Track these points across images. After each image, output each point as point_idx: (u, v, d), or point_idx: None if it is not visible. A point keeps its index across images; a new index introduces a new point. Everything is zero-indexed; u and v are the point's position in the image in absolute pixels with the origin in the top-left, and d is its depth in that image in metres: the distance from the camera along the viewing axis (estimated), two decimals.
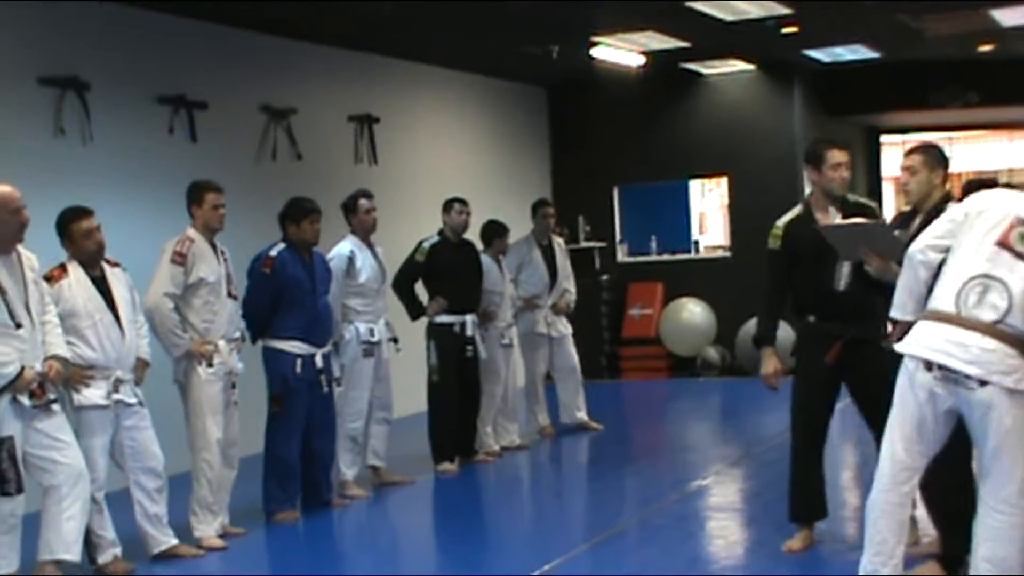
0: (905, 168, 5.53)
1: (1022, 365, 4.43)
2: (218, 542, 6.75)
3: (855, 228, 5.63)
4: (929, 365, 4.52)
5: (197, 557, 6.56)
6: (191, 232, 6.80)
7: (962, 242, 4.64)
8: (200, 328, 6.75)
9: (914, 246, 4.81)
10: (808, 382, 5.99)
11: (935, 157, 5.48)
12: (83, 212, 6.26)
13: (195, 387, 6.75)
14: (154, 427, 6.40)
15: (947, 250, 4.69)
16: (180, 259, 6.68)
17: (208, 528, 6.76)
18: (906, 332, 4.71)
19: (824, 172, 5.85)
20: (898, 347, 4.67)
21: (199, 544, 6.67)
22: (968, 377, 4.42)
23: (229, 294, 6.92)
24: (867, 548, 4.77)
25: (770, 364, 6.08)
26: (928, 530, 5.73)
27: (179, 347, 6.70)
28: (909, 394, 4.62)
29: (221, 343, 6.81)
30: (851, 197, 6.02)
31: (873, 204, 6.14)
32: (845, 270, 5.77)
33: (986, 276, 4.51)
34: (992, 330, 4.44)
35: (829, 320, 5.82)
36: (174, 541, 6.50)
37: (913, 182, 5.46)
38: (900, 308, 4.86)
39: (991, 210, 4.63)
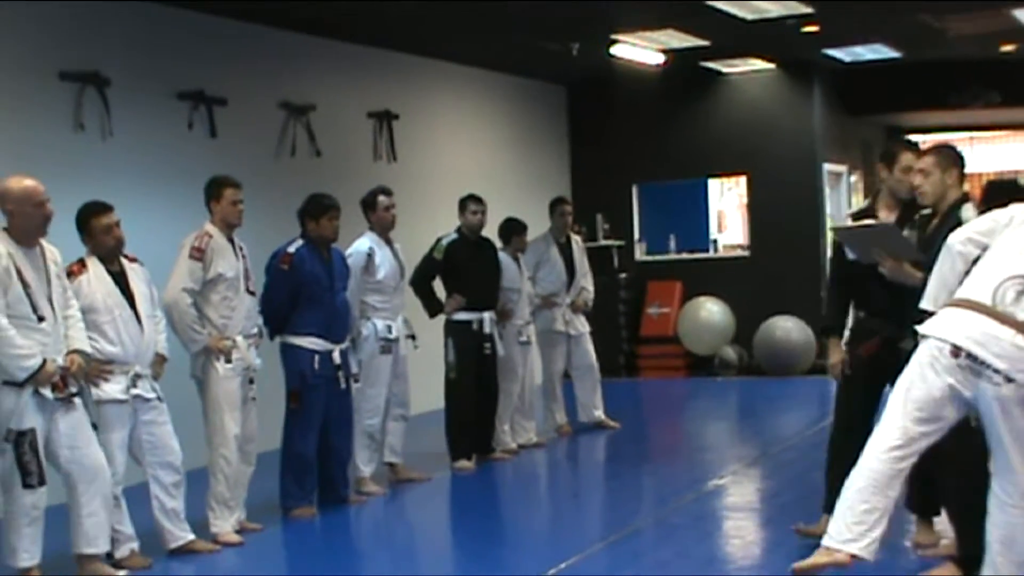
0: (919, 171, 5.50)
1: None
2: (235, 537, 6.76)
3: (867, 230, 5.63)
4: (956, 352, 4.42)
5: (214, 552, 6.57)
6: (209, 227, 6.81)
7: (1002, 242, 4.61)
8: (218, 324, 6.76)
9: (954, 236, 4.78)
10: (850, 378, 6.01)
11: (948, 157, 5.45)
12: (103, 207, 6.27)
13: (213, 383, 6.76)
14: (172, 422, 6.42)
15: (985, 248, 4.66)
16: (198, 255, 6.69)
17: (225, 524, 6.77)
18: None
19: (894, 172, 5.90)
20: (923, 329, 4.58)
21: (215, 539, 6.68)
22: (996, 372, 4.35)
23: (247, 290, 6.92)
24: (843, 516, 4.58)
25: (835, 355, 6.08)
26: (948, 532, 5.71)
27: (197, 343, 6.71)
28: (930, 373, 4.49)
29: (239, 339, 6.82)
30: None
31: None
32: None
33: (1022, 276, 4.45)
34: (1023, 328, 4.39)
35: (874, 316, 5.80)
36: (191, 536, 6.51)
37: (927, 184, 5.44)
38: (931, 299, 4.80)
39: None
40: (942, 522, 5.69)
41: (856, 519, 4.54)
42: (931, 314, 4.72)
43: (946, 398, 4.48)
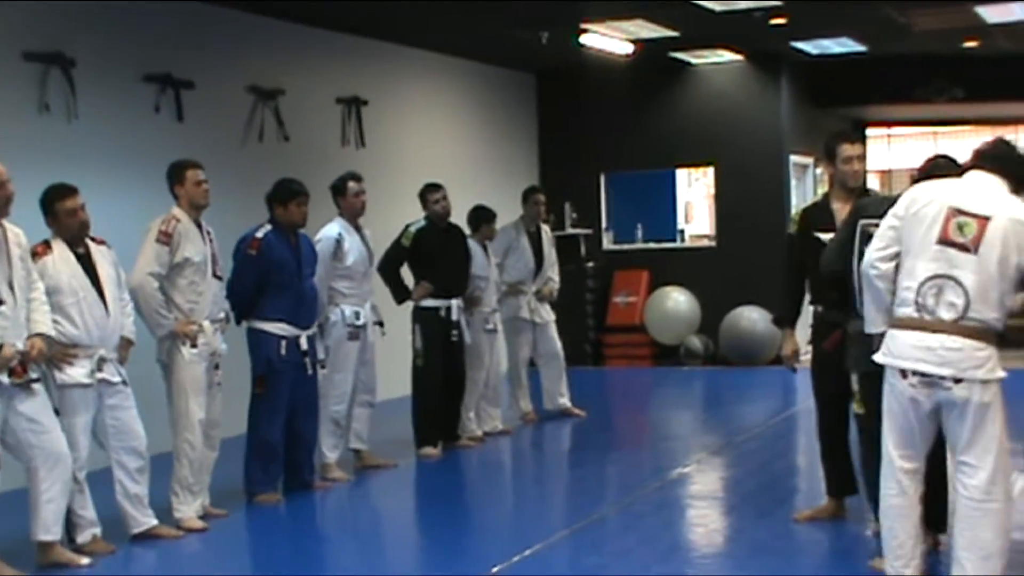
0: (858, 157, 6.01)
1: (991, 353, 4.54)
2: (198, 523, 6.73)
3: None
4: (904, 373, 4.62)
5: (177, 538, 6.54)
6: (177, 211, 6.77)
7: (908, 245, 4.68)
8: (185, 308, 6.73)
9: (865, 262, 4.87)
10: (821, 371, 6.15)
11: None
12: (68, 190, 6.21)
13: (179, 367, 6.72)
14: (136, 407, 6.38)
15: (897, 255, 4.74)
16: (165, 238, 6.65)
17: (189, 509, 6.75)
18: (880, 340, 4.80)
19: (838, 166, 6.06)
20: (876, 358, 4.78)
21: (179, 525, 6.66)
22: (942, 378, 4.52)
23: (214, 274, 6.89)
24: (887, 552, 4.86)
25: (788, 345, 6.33)
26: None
27: (163, 327, 6.67)
28: (894, 402, 4.74)
29: (206, 323, 6.79)
30: (871, 190, 6.21)
31: (892, 196, 6.21)
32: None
33: (937, 276, 4.57)
34: (956, 328, 4.53)
35: (831, 309, 5.86)
36: (154, 522, 6.47)
37: (863, 166, 5.91)
38: (872, 323, 4.93)
39: (926, 206, 4.66)
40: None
41: (895, 555, 4.83)
42: None
43: (918, 419, 4.66)
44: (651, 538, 6.38)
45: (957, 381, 4.50)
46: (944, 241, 4.57)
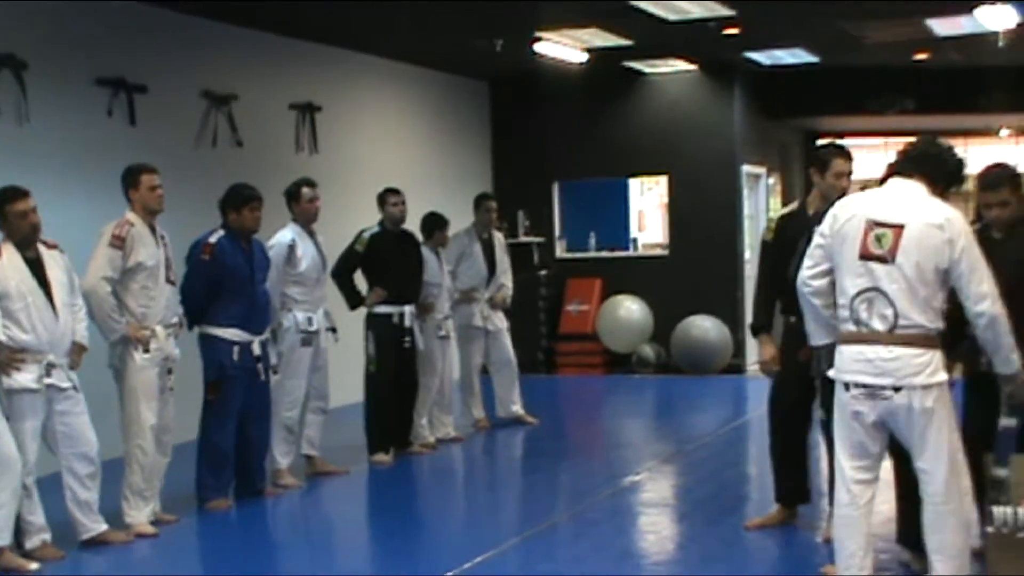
0: (848, 175, 6.02)
1: (932, 357, 4.59)
2: (149, 528, 6.70)
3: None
4: (847, 385, 4.71)
5: (127, 543, 6.50)
6: (130, 216, 6.73)
7: (837, 262, 4.77)
8: (137, 313, 6.69)
9: (799, 279, 4.95)
10: (783, 378, 6.17)
11: None
12: (19, 193, 6.15)
13: (131, 372, 6.68)
14: (88, 412, 6.33)
15: (829, 271, 4.82)
16: (119, 243, 6.61)
17: (139, 514, 6.71)
18: (830, 352, 4.87)
19: (826, 177, 6.07)
20: (829, 374, 4.85)
21: (130, 530, 6.61)
22: (882, 387, 4.60)
23: (168, 279, 6.86)
24: (838, 562, 4.91)
25: (767, 351, 6.28)
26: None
27: (116, 331, 6.62)
28: (840, 415, 4.81)
29: (158, 328, 6.76)
30: None
31: None
32: None
33: (865, 291, 4.65)
34: (890, 338, 4.60)
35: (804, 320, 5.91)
36: (104, 527, 6.43)
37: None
38: (814, 335, 5.04)
39: (848, 222, 4.73)
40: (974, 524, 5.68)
41: (844, 564, 4.86)
42: None
43: (864, 431, 4.72)
44: (603, 545, 6.40)
45: (896, 390, 4.57)
46: (864, 256, 4.65)
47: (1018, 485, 4.88)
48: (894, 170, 4.88)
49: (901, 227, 4.60)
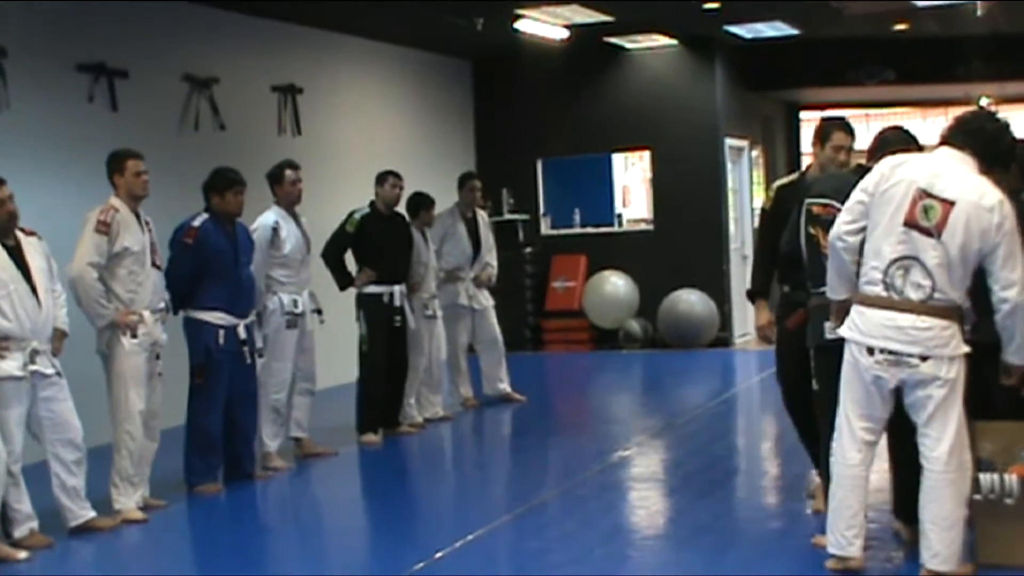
0: (846, 148, 5.89)
1: (956, 331, 4.66)
2: (138, 514, 6.69)
3: None
4: (871, 350, 4.70)
5: (116, 529, 6.50)
6: (115, 201, 6.71)
7: (876, 222, 4.74)
8: (124, 298, 6.67)
9: (833, 233, 4.91)
10: (784, 350, 6.14)
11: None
12: None
13: (119, 358, 6.67)
14: (74, 398, 6.32)
15: (863, 229, 4.80)
16: (104, 228, 6.59)
17: (128, 500, 6.70)
18: (845, 312, 4.85)
19: (826, 149, 6.07)
20: (841, 332, 4.85)
21: (119, 516, 6.61)
22: (910, 355, 4.62)
23: (153, 264, 6.84)
24: (836, 522, 4.90)
25: (762, 316, 6.32)
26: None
27: (103, 317, 6.61)
28: (855, 376, 4.80)
29: (146, 314, 6.74)
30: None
31: (839, 174, 6.26)
32: None
33: (904, 258, 4.66)
34: (924, 308, 4.63)
35: (797, 289, 5.92)
36: (92, 514, 6.41)
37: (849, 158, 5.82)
38: (834, 290, 4.99)
39: (895, 186, 4.71)
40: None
41: (847, 524, 4.88)
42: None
43: (881, 396, 4.76)
44: (593, 521, 6.41)
45: (924, 359, 4.61)
46: (910, 224, 4.64)
47: (1002, 452, 4.93)
48: (946, 138, 4.83)
49: (951, 203, 4.59)
